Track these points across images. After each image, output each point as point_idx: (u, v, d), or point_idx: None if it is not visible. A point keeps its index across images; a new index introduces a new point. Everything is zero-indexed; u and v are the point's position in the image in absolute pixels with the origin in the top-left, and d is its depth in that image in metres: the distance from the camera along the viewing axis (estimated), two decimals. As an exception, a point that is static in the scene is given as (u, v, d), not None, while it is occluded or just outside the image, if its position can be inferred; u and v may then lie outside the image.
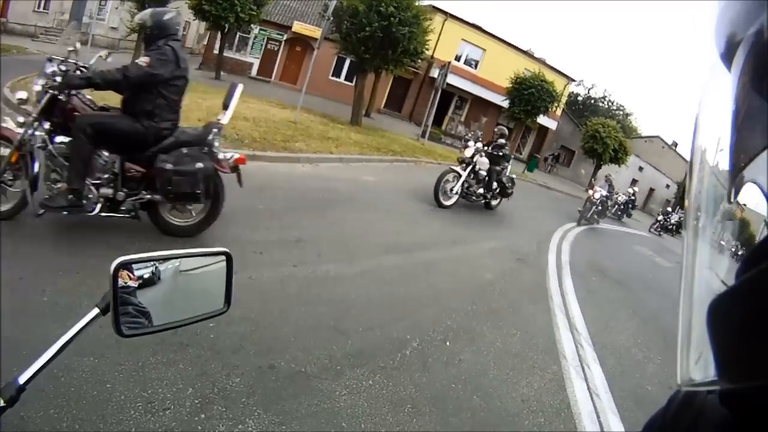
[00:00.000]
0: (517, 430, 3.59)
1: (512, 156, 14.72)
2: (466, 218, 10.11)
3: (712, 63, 0.48)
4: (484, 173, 10.64)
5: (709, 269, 0.50)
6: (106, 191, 4.44)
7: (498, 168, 11.16)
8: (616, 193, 21.06)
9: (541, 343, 5.23)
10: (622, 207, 23.94)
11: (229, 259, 1.20)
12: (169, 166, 4.41)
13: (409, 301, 5.11)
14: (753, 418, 0.42)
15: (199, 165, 4.52)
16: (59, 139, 4.28)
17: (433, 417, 3.36)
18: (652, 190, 46.57)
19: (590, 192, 16.71)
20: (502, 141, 11.36)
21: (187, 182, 4.47)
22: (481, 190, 10.78)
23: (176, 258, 1.12)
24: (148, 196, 4.56)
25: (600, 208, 16.27)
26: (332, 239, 6.09)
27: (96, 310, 0.98)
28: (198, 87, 16.69)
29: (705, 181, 0.53)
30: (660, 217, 27.37)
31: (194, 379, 2.93)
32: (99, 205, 4.42)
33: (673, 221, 28.32)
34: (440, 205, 9.78)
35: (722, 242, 0.49)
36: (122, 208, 4.56)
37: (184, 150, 4.55)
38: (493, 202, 11.76)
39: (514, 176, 12.23)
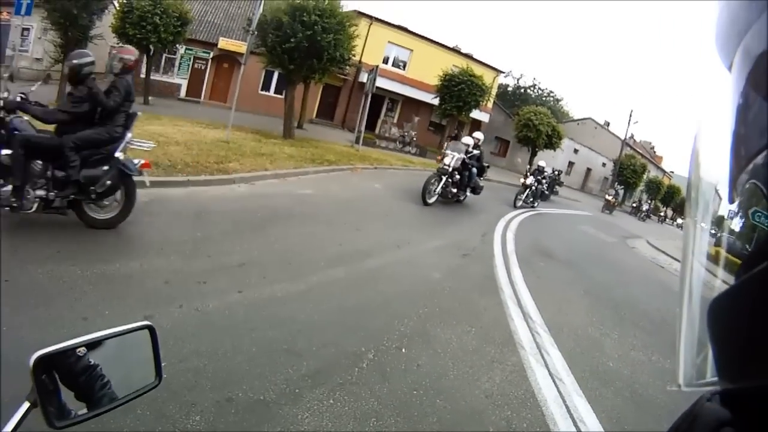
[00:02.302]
0: (485, 426, 3.62)
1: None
2: (407, 219, 10.22)
3: (712, 64, 0.49)
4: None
5: (709, 270, 0.50)
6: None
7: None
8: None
9: (498, 336, 5.28)
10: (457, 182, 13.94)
11: (152, 331, 1.20)
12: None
13: (359, 312, 5.07)
14: (753, 418, 0.43)
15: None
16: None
17: (399, 426, 3.34)
18: (588, 169, 47.95)
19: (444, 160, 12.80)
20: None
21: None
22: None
23: (98, 340, 1.08)
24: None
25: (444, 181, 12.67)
26: (275, 259, 5.98)
27: (27, 404, 0.95)
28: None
29: (706, 182, 0.54)
30: (529, 180, 18.47)
31: (154, 423, 2.82)
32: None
33: (547, 174, 22.39)
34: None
35: (722, 243, 0.50)
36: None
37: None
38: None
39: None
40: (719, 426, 0.48)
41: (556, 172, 26.57)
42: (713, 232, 0.52)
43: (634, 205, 40.00)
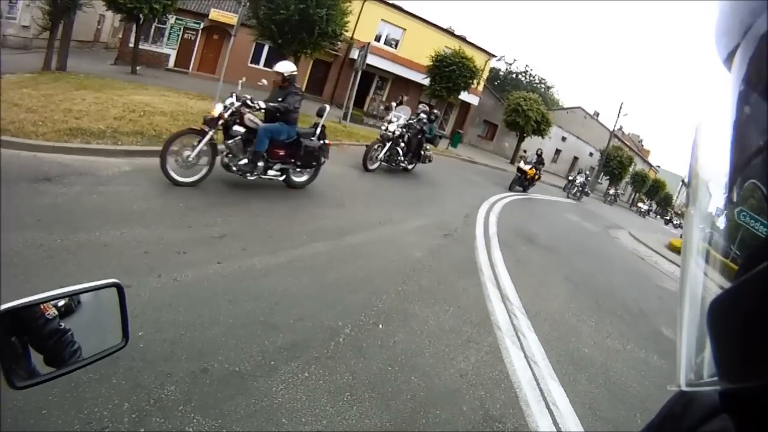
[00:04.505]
0: (459, 405, 3.64)
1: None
2: (391, 197, 10.26)
3: (711, 64, 0.49)
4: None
5: (709, 270, 0.50)
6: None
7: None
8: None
9: (475, 317, 5.32)
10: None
11: (120, 289, 1.14)
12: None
13: (338, 287, 5.07)
14: (753, 418, 0.43)
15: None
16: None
17: (372, 402, 3.36)
18: (575, 158, 47.96)
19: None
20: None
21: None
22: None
23: (64, 297, 1.04)
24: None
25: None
26: (257, 231, 5.97)
27: None
28: (114, 83, 15.95)
29: (706, 182, 0.54)
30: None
31: (129, 392, 2.80)
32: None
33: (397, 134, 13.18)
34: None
35: (722, 243, 0.50)
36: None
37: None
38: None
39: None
40: (715, 412, 0.49)
41: (432, 115, 16.54)
42: (713, 232, 0.51)
43: (570, 178, 32.00)
